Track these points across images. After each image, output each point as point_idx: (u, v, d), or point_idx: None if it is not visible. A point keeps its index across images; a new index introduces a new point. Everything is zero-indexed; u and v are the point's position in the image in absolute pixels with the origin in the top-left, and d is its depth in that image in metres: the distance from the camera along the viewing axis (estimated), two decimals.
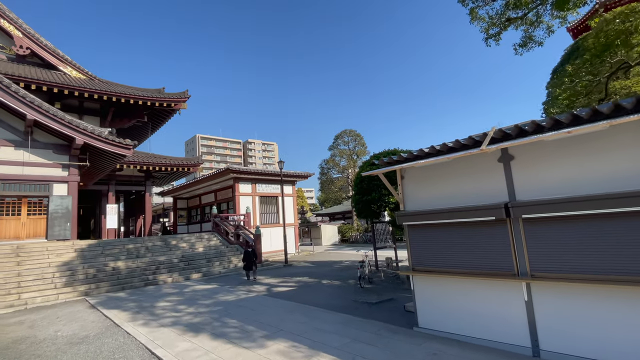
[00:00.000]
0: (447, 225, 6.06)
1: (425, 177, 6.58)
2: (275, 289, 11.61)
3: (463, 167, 6.02)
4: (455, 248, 5.98)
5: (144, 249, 16.62)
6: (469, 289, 5.83)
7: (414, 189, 6.78)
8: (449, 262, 6.04)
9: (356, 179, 13.08)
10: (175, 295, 11.07)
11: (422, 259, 6.48)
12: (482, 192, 5.73)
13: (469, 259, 5.79)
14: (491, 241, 5.51)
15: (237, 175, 23.29)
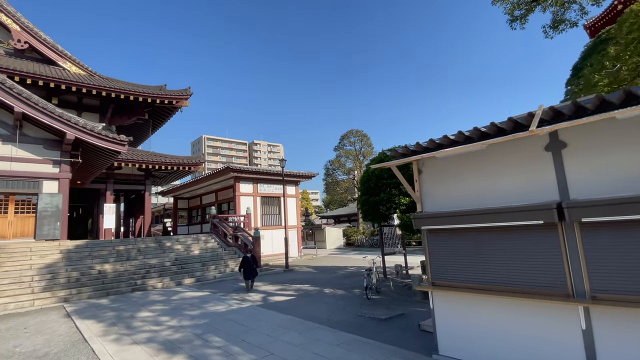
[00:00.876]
0: (477, 230, 4.88)
1: (449, 171, 5.40)
2: (272, 298, 10.48)
3: (497, 158, 4.84)
4: (486, 259, 4.80)
5: (136, 250, 15.60)
6: (503, 310, 4.64)
7: (434, 186, 5.61)
8: (478, 276, 4.86)
9: (362, 178, 11.93)
10: (160, 304, 9.99)
11: (444, 271, 5.30)
12: (522, 189, 4.55)
13: (505, 273, 4.60)
14: (535, 252, 4.32)
15: (238, 175, 22.25)
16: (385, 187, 10.78)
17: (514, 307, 4.52)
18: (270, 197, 24.13)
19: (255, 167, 23.61)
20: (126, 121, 28.21)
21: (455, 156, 5.27)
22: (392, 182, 10.65)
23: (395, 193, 10.46)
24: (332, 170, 41.25)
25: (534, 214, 4.12)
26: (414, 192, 5.76)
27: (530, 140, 4.50)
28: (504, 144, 4.71)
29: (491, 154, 4.90)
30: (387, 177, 10.80)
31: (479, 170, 5.05)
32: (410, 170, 9.82)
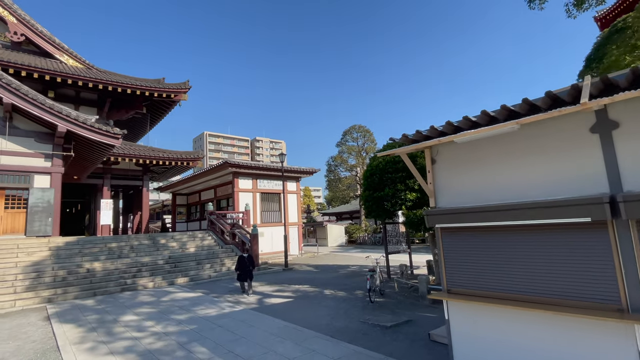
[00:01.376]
0: (503, 230, 4.12)
1: (468, 159, 4.63)
2: (268, 300, 9.77)
3: (529, 143, 4.06)
4: (515, 265, 4.04)
5: (128, 248, 14.94)
6: (535, 326, 3.88)
7: (450, 178, 4.84)
8: (504, 284, 4.11)
9: (366, 172, 11.18)
10: (148, 306, 9.30)
11: (462, 277, 4.55)
12: (559, 180, 3.78)
13: (538, 282, 3.84)
14: (578, 256, 3.56)
15: (237, 170, 21.54)
16: (391, 181, 10.01)
17: (550, 322, 3.76)
18: (270, 194, 23.42)
19: (255, 162, 22.90)
20: (124, 115, 27.57)
21: (476, 141, 4.49)
22: (397, 177, 9.88)
23: (401, 188, 9.69)
24: (334, 167, 40.45)
25: (579, 209, 3.35)
26: (427, 184, 5.00)
27: (571, 121, 3.72)
28: (538, 126, 3.93)
29: (521, 138, 4.12)
30: (392, 171, 10.03)
31: (505, 158, 4.27)
32: (421, 160, 9.09)
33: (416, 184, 9.65)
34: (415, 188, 9.64)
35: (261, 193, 23.06)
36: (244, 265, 10.63)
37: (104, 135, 17.21)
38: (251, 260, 10.92)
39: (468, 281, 4.46)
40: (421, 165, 9.55)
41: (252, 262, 10.98)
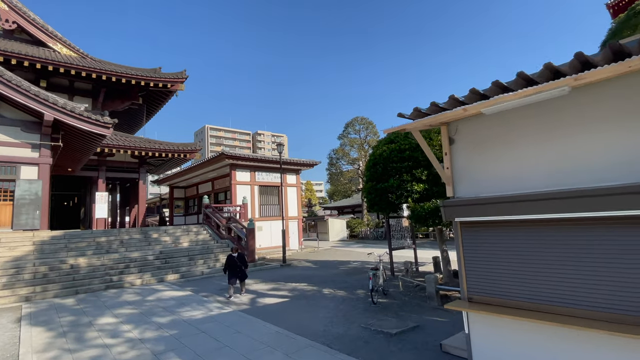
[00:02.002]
0: (543, 224, 3.28)
1: (495, 137, 3.78)
2: (262, 300, 8.98)
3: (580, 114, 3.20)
4: (556, 269, 3.21)
5: (118, 242, 14.20)
6: (583, 345, 3.06)
7: (472, 161, 3.99)
8: (541, 293, 3.28)
9: (369, 162, 10.32)
10: (130, 306, 8.54)
11: (487, 283, 3.72)
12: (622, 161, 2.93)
13: (588, 290, 3.02)
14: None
15: (234, 162, 20.71)
16: (396, 172, 9.15)
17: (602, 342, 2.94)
18: (269, 186, 22.60)
19: (253, 154, 22.06)
20: (119, 106, 26.78)
21: (506, 115, 3.64)
22: (403, 166, 9.02)
23: (407, 179, 8.83)
24: (336, 160, 39.50)
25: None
26: (443, 169, 4.15)
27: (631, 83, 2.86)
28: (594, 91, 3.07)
29: (569, 106, 3.25)
30: (397, 160, 9.17)
31: (545, 135, 3.41)
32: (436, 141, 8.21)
33: (424, 173, 8.79)
34: (422, 179, 8.79)
35: (260, 186, 22.25)
36: (234, 266, 9.42)
37: (94, 125, 16.39)
38: (242, 260, 9.68)
39: (494, 288, 3.64)
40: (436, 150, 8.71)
41: (244, 261, 9.74)
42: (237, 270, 9.44)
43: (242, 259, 9.69)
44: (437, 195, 8.81)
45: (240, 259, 9.62)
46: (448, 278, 9.78)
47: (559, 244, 3.18)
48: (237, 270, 9.44)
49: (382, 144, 10.07)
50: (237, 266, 9.43)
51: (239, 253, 9.80)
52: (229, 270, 9.40)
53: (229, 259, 9.52)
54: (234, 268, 9.40)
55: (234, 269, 9.40)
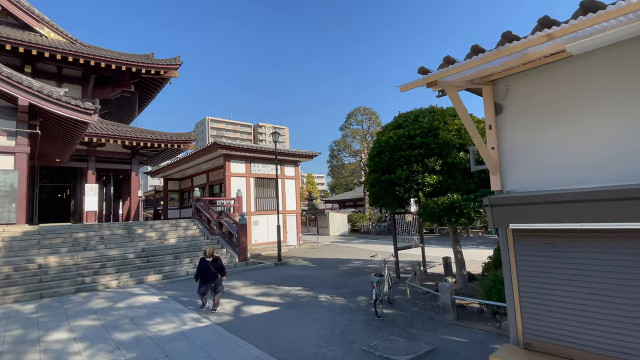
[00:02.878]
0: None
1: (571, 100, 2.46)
2: (248, 309, 7.77)
3: None
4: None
5: (98, 238, 13.01)
6: None
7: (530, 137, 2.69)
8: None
9: (373, 150, 9.00)
10: (94, 316, 7.33)
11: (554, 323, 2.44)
12: None
13: None
14: None
15: (228, 152, 19.45)
16: (404, 161, 7.85)
17: None
18: (266, 179, 21.33)
19: (248, 144, 20.77)
20: (110, 94, 25.51)
21: (592, 65, 2.31)
22: (413, 155, 7.71)
23: (418, 169, 7.53)
24: (338, 152, 38.15)
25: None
26: (486, 149, 2.84)
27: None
28: None
29: None
30: (406, 148, 7.86)
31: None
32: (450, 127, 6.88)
33: (438, 163, 7.48)
34: (436, 169, 7.48)
35: (256, 178, 21.00)
36: (207, 273, 7.73)
37: (74, 110, 15.08)
38: (218, 266, 7.90)
39: (569, 332, 2.36)
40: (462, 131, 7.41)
41: (221, 268, 7.93)
42: (211, 279, 7.72)
43: (218, 265, 7.90)
44: (452, 189, 7.52)
45: (215, 264, 7.87)
46: (463, 283, 8.53)
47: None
48: (211, 278, 7.72)
49: (387, 130, 8.75)
50: (210, 273, 7.73)
51: (214, 257, 8.01)
52: (201, 278, 7.77)
53: (202, 264, 7.83)
54: (207, 276, 7.74)
55: (207, 277, 7.73)
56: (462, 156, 7.52)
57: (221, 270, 7.93)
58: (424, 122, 7.98)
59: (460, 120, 7.94)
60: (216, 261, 7.95)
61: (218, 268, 7.85)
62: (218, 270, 7.84)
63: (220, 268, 7.90)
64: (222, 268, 7.96)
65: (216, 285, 7.73)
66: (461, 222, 7.05)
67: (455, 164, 7.42)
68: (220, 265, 7.94)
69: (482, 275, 8.41)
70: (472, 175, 7.52)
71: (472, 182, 7.53)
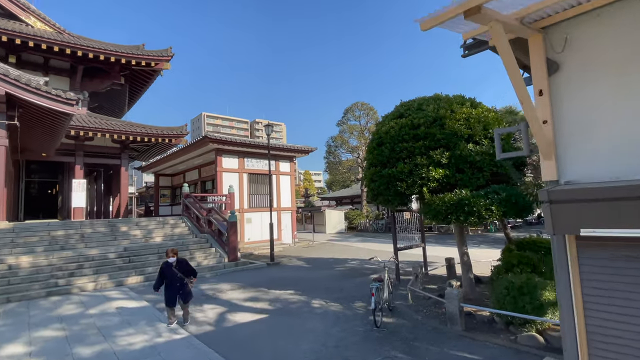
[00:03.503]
0: None
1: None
2: (232, 317, 7.00)
3: None
4: None
5: (78, 237, 12.20)
6: None
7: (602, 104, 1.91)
8: None
9: (372, 142, 8.22)
10: (60, 325, 6.55)
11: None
12: None
13: None
14: None
15: (220, 147, 18.64)
16: (407, 153, 7.08)
17: None
18: (260, 175, 20.52)
19: (240, 138, 19.94)
20: (99, 86, 24.55)
21: None
22: (417, 147, 6.94)
23: (423, 162, 6.77)
24: (335, 148, 37.35)
25: None
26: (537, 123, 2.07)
27: None
28: None
29: None
30: (409, 139, 7.10)
31: None
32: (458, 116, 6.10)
33: (444, 155, 6.72)
34: (442, 162, 6.72)
35: (249, 174, 20.19)
36: (172, 279, 6.33)
37: (54, 101, 14.20)
38: (185, 269, 6.53)
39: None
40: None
41: (188, 270, 6.58)
42: (177, 286, 6.34)
43: (184, 268, 6.52)
44: (460, 184, 6.77)
45: (182, 267, 6.49)
46: (469, 288, 7.80)
47: None
48: (177, 285, 6.34)
49: (388, 119, 7.96)
50: (176, 279, 6.35)
51: (178, 258, 6.56)
52: (165, 285, 6.37)
53: (164, 270, 6.39)
54: (172, 282, 6.33)
55: (172, 284, 6.32)
56: (471, 148, 6.78)
57: (188, 273, 6.54)
58: (429, 111, 7.21)
59: (468, 108, 7.19)
60: (182, 264, 6.54)
61: (185, 272, 6.51)
62: (184, 273, 6.47)
63: (187, 270, 6.56)
64: (189, 270, 6.61)
65: (185, 293, 6.42)
66: (470, 221, 6.31)
67: (464, 157, 6.67)
68: (187, 268, 6.61)
69: (491, 279, 7.69)
70: (482, 169, 6.78)
71: (482, 177, 6.79)
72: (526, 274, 6.06)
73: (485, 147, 6.80)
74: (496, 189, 6.46)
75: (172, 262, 6.44)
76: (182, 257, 6.81)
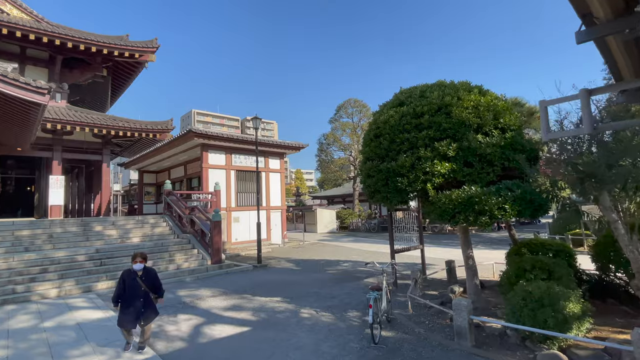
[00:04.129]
0: None
1: None
2: (209, 330, 6.13)
3: None
4: None
5: (45, 237, 11.16)
6: None
7: None
8: None
9: (368, 133, 7.41)
10: (4, 342, 5.58)
11: None
12: None
13: None
14: None
15: (206, 142, 17.66)
16: (409, 145, 6.29)
17: None
18: (248, 172, 19.57)
19: (228, 133, 18.97)
20: (80, 78, 23.27)
21: None
22: (420, 137, 6.15)
23: (427, 155, 5.98)
24: (327, 146, 36.54)
25: None
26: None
27: None
28: None
29: None
30: (411, 129, 6.31)
31: None
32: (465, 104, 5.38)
33: (451, 147, 5.94)
34: (449, 155, 5.94)
35: (237, 170, 19.23)
36: (134, 293, 4.96)
37: (22, 89, 13.05)
38: (152, 282, 5.16)
39: None
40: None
41: (154, 284, 5.20)
42: (140, 303, 4.94)
43: (152, 280, 5.16)
44: (468, 180, 6.01)
45: (149, 278, 5.12)
46: (475, 295, 7.06)
47: None
48: (140, 301, 4.95)
49: (387, 108, 7.16)
50: (139, 294, 4.95)
51: (146, 267, 5.16)
52: (123, 299, 4.93)
53: (126, 279, 4.98)
54: (133, 297, 4.93)
55: (133, 299, 4.92)
56: (481, 139, 6.01)
57: (155, 287, 5.16)
58: (433, 97, 6.43)
59: (477, 96, 6.43)
60: (150, 274, 5.15)
61: (152, 286, 5.10)
62: (152, 289, 5.11)
63: (155, 288, 5.16)
64: (158, 288, 5.21)
65: (148, 312, 5.01)
66: (482, 222, 5.55)
67: (473, 149, 5.91)
68: (155, 283, 5.18)
69: (499, 285, 6.94)
70: (492, 163, 6.02)
71: (492, 172, 6.03)
72: (545, 282, 5.32)
73: (496, 138, 6.04)
74: (509, 185, 5.72)
75: (137, 270, 5.03)
76: (151, 267, 5.40)
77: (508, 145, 6.03)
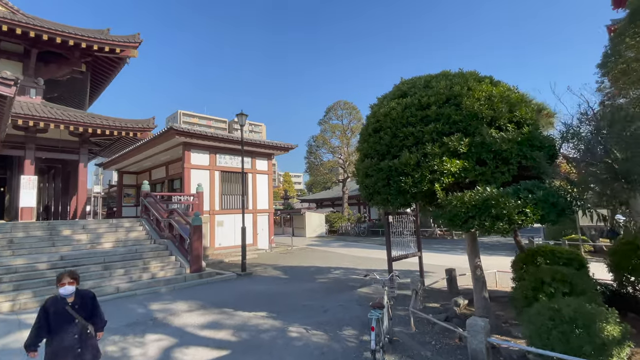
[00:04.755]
0: None
1: None
2: (180, 355, 5.19)
3: None
4: None
5: (5, 242, 10.00)
6: None
7: None
8: None
9: (366, 128, 6.62)
10: None
11: None
12: None
13: None
14: None
15: (188, 140, 16.65)
16: (413, 140, 5.53)
17: None
18: (234, 173, 18.60)
19: (213, 132, 18.00)
20: (57, 73, 21.93)
21: None
22: (427, 131, 5.39)
23: (434, 151, 5.23)
24: (316, 148, 35.75)
25: None
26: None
27: None
28: None
29: None
30: (416, 122, 5.54)
31: None
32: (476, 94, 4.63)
33: (463, 143, 5.19)
34: (460, 151, 5.19)
35: (221, 171, 18.23)
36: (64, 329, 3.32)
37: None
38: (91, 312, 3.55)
39: None
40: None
41: (95, 317, 3.57)
42: (74, 340, 3.34)
43: (89, 309, 3.55)
44: (482, 180, 5.27)
45: (84, 306, 3.51)
46: (484, 310, 6.30)
47: None
48: (73, 338, 3.34)
49: (387, 100, 6.39)
50: (70, 328, 3.34)
51: (79, 290, 3.55)
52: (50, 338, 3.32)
53: (50, 309, 3.35)
54: (63, 332, 3.31)
55: (63, 338, 3.31)
56: (494, 134, 5.29)
57: (96, 319, 3.58)
58: (440, 87, 5.69)
59: (489, 86, 5.72)
60: (85, 299, 3.55)
61: (90, 316, 3.52)
62: (90, 320, 3.52)
63: (93, 317, 3.56)
64: (97, 315, 3.61)
65: (86, 355, 3.39)
66: (499, 228, 4.80)
67: (487, 145, 5.17)
68: (94, 311, 3.59)
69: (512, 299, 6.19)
70: (508, 160, 5.30)
71: (508, 171, 5.32)
72: (571, 299, 4.61)
73: (512, 133, 5.33)
74: (529, 186, 5.00)
75: (66, 296, 3.42)
76: (87, 291, 3.71)
77: (525, 141, 5.32)
